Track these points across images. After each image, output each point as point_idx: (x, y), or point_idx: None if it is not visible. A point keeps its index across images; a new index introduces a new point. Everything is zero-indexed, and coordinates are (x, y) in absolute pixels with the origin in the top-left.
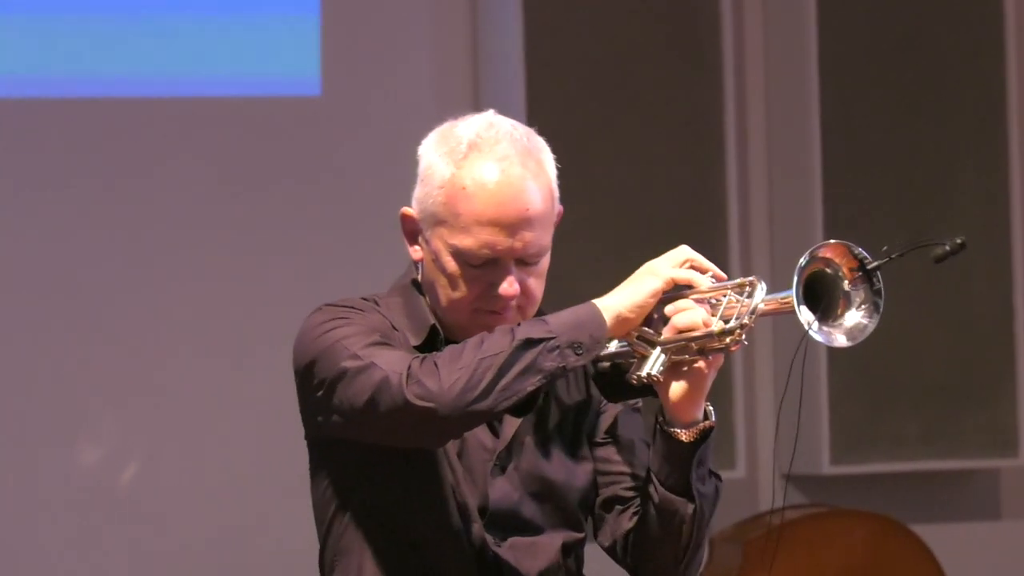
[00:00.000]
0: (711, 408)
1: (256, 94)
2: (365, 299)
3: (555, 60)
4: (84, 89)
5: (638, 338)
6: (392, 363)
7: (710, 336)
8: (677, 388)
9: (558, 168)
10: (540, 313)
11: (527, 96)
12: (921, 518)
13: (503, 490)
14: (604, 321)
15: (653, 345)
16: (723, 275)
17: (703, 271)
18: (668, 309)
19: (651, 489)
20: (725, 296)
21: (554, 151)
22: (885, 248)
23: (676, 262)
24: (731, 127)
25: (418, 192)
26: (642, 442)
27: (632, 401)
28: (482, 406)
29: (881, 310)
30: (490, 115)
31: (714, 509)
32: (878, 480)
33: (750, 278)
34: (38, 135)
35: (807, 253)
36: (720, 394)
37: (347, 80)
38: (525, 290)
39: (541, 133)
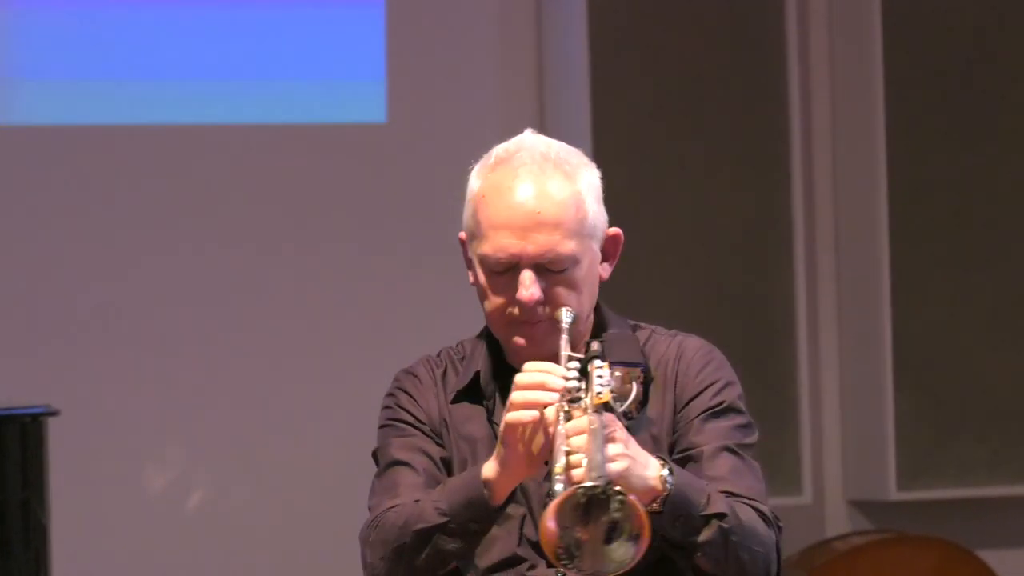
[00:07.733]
0: (664, 472)
1: (323, 121)
2: (439, 354)
3: (620, 85)
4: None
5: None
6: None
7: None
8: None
9: (619, 192)
10: (599, 329)
11: (592, 121)
12: (988, 544)
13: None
14: (488, 498)
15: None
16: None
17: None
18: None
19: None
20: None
21: (618, 175)
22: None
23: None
24: (797, 152)
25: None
26: (717, 451)
27: (713, 407)
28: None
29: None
30: (526, 134)
31: (731, 537)
32: (945, 506)
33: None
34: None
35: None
36: (786, 420)
37: (412, 107)
38: (552, 298)
39: (604, 157)
